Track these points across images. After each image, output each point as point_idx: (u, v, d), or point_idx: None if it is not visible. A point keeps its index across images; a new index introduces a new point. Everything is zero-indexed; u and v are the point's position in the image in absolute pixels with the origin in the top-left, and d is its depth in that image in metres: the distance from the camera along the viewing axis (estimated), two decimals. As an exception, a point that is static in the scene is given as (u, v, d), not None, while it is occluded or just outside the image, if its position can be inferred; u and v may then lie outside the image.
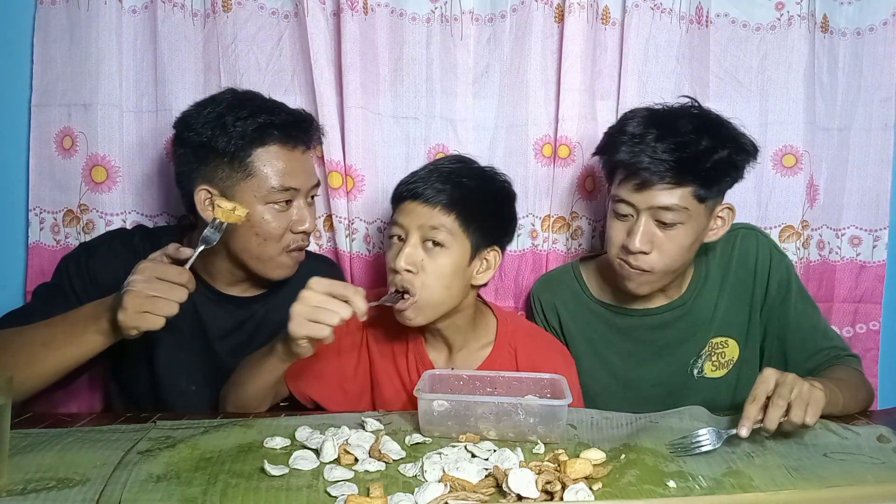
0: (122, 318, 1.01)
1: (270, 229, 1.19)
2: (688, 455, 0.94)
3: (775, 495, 0.83)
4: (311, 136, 1.26)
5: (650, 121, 1.22)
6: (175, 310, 1.03)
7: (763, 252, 1.34)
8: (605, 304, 1.38)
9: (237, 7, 1.47)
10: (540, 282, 1.48)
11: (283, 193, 1.19)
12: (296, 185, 1.20)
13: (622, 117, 1.28)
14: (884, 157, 1.59)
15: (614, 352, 1.37)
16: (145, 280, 1.02)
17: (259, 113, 1.18)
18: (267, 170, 1.18)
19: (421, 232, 1.15)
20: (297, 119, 1.23)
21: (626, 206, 1.23)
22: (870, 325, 1.62)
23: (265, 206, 1.19)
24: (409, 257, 1.13)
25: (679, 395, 1.32)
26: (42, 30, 1.45)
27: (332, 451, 0.91)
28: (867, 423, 1.11)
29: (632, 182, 1.20)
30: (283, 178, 1.18)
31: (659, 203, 1.19)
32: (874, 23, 1.58)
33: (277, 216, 1.20)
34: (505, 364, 1.25)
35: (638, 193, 1.20)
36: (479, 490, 0.82)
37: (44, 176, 1.47)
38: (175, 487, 0.82)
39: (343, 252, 1.51)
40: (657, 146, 1.18)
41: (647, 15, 1.51)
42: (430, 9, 1.51)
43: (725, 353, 1.35)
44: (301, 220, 1.22)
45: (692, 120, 1.21)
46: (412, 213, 1.15)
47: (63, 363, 1.08)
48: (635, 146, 1.19)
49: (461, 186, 1.17)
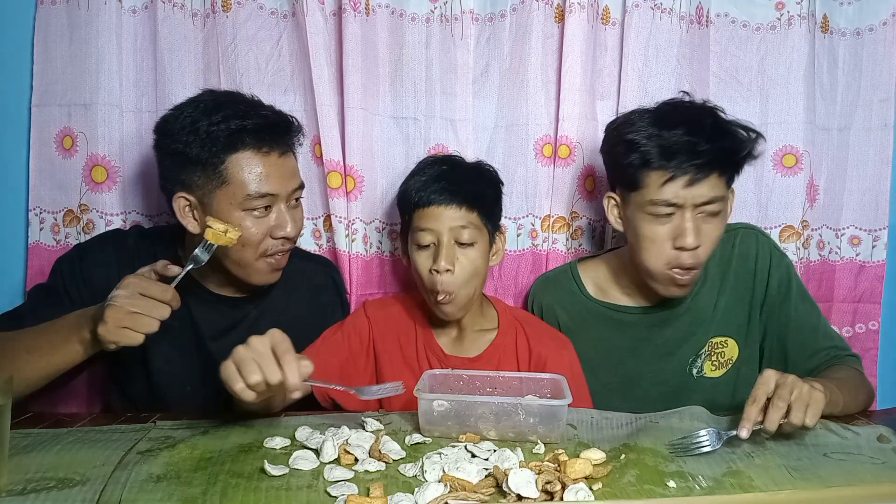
0: (102, 331, 1.01)
1: (249, 236, 1.17)
2: (687, 455, 0.94)
3: (775, 495, 0.83)
4: (289, 139, 1.22)
5: (674, 118, 1.22)
6: (155, 327, 1.03)
7: (763, 252, 1.34)
8: (603, 304, 1.38)
9: (237, 7, 1.46)
10: (538, 283, 1.48)
11: (260, 200, 1.16)
12: (272, 191, 1.17)
13: (635, 122, 1.24)
14: (884, 157, 1.59)
15: (614, 351, 1.37)
16: (128, 295, 1.02)
17: (232, 118, 1.15)
18: (242, 176, 1.15)
19: (452, 233, 1.22)
20: (270, 123, 1.19)
21: (668, 206, 1.21)
22: (869, 324, 1.62)
23: (243, 213, 1.16)
24: (448, 258, 1.20)
25: (679, 394, 1.33)
26: (42, 30, 1.45)
27: (332, 451, 0.91)
28: (867, 423, 1.11)
29: (681, 180, 1.19)
30: (259, 184, 1.16)
31: (709, 196, 1.20)
32: (874, 23, 1.57)
33: (257, 223, 1.17)
34: (510, 347, 1.30)
35: (687, 190, 1.19)
36: (479, 490, 0.82)
37: (44, 176, 1.47)
38: (175, 487, 0.82)
39: (342, 252, 1.51)
40: (698, 140, 1.18)
41: (647, 15, 1.51)
42: (429, 9, 1.51)
43: (725, 352, 1.35)
44: (281, 225, 1.19)
45: (711, 113, 1.24)
46: (439, 217, 1.21)
47: (46, 370, 1.09)
48: (676, 145, 1.18)
49: (472, 183, 1.27)
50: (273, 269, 1.23)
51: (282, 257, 1.23)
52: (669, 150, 1.18)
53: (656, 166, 1.20)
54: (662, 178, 1.20)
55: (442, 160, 1.33)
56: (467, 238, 1.22)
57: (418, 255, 1.24)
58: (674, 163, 1.18)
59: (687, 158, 1.18)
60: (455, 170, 1.29)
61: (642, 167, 1.22)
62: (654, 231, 1.23)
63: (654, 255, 1.24)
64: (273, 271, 1.24)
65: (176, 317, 1.21)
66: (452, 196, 1.22)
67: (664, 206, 1.21)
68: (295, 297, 1.34)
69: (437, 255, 1.21)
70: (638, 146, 1.22)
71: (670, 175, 1.19)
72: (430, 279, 1.22)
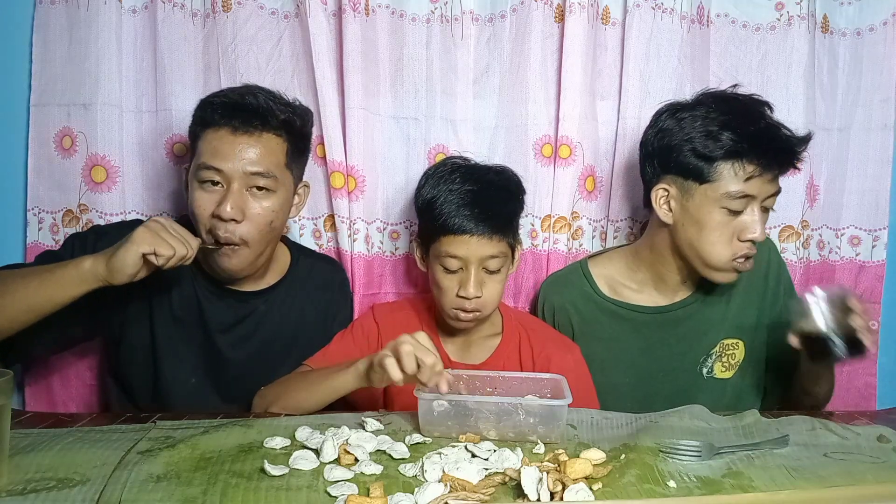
0: (126, 244, 1.05)
1: (195, 207, 1.20)
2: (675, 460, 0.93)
3: (775, 495, 0.83)
4: (249, 121, 1.19)
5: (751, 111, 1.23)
6: (173, 257, 1.07)
7: (773, 257, 1.36)
8: (616, 303, 1.38)
9: (237, 7, 1.46)
10: (548, 283, 1.47)
11: (207, 171, 1.18)
12: (219, 166, 1.17)
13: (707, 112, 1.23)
14: (884, 157, 1.59)
15: (627, 349, 1.37)
16: (161, 224, 1.09)
17: (216, 96, 1.22)
18: (202, 147, 1.20)
19: (480, 262, 1.22)
20: (238, 105, 1.20)
21: (744, 198, 1.20)
22: (869, 325, 1.62)
23: (197, 185, 1.20)
24: (477, 285, 1.22)
25: (687, 393, 1.33)
26: (41, 29, 1.45)
27: (332, 451, 0.91)
28: (867, 423, 1.11)
29: (767, 174, 1.20)
30: (209, 156, 1.18)
31: (776, 189, 1.22)
32: (874, 23, 1.58)
33: (203, 196, 1.19)
34: (514, 352, 1.30)
35: (768, 184, 1.21)
36: (479, 490, 0.82)
37: (43, 176, 1.47)
38: (175, 487, 0.82)
39: (345, 252, 1.51)
40: (781, 136, 1.20)
41: (647, 15, 1.51)
42: (429, 9, 1.51)
43: (735, 354, 1.36)
44: (221, 203, 1.16)
45: (770, 108, 1.26)
46: (469, 245, 1.21)
47: (39, 296, 1.08)
48: (765, 140, 1.19)
49: (503, 206, 1.27)
50: (219, 254, 1.20)
51: (231, 248, 1.19)
52: (759, 143, 1.17)
53: (747, 160, 1.18)
54: (751, 172, 1.19)
55: (470, 175, 1.27)
56: (495, 266, 1.23)
57: (444, 276, 1.24)
58: (763, 157, 1.17)
59: (773, 153, 1.18)
60: (486, 193, 1.25)
61: (727, 159, 1.19)
62: (724, 225, 1.21)
63: (722, 248, 1.23)
64: (220, 257, 1.20)
65: (185, 308, 1.21)
66: (484, 226, 1.21)
67: (741, 199, 1.20)
68: (302, 294, 1.36)
69: (465, 281, 1.22)
70: (722, 137, 1.19)
71: (759, 170, 1.18)
72: (456, 300, 1.23)
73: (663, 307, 1.36)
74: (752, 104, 1.26)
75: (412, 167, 1.52)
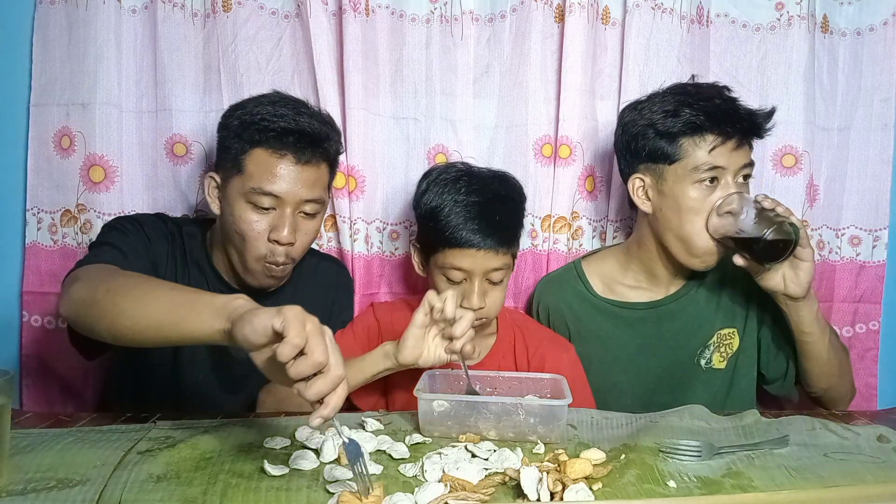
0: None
1: (245, 228, 1.19)
2: (674, 460, 0.93)
3: (775, 495, 0.83)
4: (315, 151, 1.21)
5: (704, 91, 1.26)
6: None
7: None
8: (610, 301, 1.39)
9: (237, 7, 1.46)
10: (542, 284, 1.48)
11: (263, 197, 1.18)
12: (277, 192, 1.18)
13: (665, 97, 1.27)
14: (884, 157, 1.59)
15: (624, 347, 1.37)
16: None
17: (266, 116, 1.19)
18: (253, 170, 1.18)
19: (485, 274, 1.22)
20: (297, 130, 1.19)
21: (713, 170, 1.22)
22: (869, 325, 1.62)
23: (246, 205, 1.19)
24: (480, 297, 1.21)
25: (686, 385, 1.34)
26: (41, 29, 1.45)
27: (332, 451, 0.91)
28: (867, 422, 1.11)
29: (730, 143, 1.22)
30: (265, 181, 1.18)
31: (747, 160, 1.24)
32: (874, 23, 1.57)
33: (257, 218, 1.19)
34: (509, 352, 1.30)
35: (735, 153, 1.22)
36: (479, 490, 0.82)
37: (42, 175, 1.47)
38: (175, 487, 0.82)
39: (346, 252, 1.51)
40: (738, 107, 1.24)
41: (647, 15, 1.51)
42: (429, 9, 1.51)
43: (732, 343, 1.36)
44: (278, 228, 1.19)
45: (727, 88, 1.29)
46: (474, 258, 1.20)
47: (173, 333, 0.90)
48: (720, 110, 1.22)
49: (508, 219, 1.26)
50: (267, 274, 1.23)
51: (279, 268, 1.23)
52: (715, 116, 1.20)
53: (706, 130, 1.21)
54: (712, 142, 1.21)
55: (475, 185, 1.25)
56: (499, 278, 1.23)
57: (446, 286, 1.23)
58: (722, 126, 1.20)
59: (731, 123, 1.20)
60: (491, 205, 1.23)
61: (688, 133, 1.22)
62: (700, 201, 1.23)
63: (702, 227, 1.24)
64: (267, 277, 1.24)
65: None
66: (491, 240, 1.20)
67: (710, 170, 1.22)
68: (307, 293, 1.36)
69: (468, 292, 1.21)
70: (681, 114, 1.22)
71: (720, 140, 1.21)
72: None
73: (657, 301, 1.37)
74: (708, 86, 1.30)
75: (412, 167, 1.52)
